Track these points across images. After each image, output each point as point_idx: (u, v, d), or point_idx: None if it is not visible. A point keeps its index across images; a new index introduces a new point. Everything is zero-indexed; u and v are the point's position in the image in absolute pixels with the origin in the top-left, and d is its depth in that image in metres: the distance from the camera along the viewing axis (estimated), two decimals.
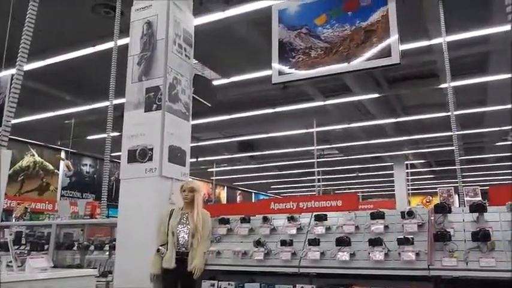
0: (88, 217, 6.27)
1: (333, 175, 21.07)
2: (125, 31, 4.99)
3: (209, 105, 5.13)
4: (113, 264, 4.72)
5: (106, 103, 5.38)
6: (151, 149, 4.28)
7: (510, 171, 18.00)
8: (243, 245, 3.93)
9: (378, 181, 23.41)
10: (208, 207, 4.44)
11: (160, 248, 3.96)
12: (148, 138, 4.33)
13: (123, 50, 4.91)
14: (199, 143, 14.28)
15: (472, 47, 7.52)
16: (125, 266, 4.17)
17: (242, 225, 4.11)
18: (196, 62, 8.66)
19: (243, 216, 4.17)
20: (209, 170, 19.42)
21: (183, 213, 4.06)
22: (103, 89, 5.73)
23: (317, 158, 12.59)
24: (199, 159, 16.04)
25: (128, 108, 4.56)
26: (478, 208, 3.40)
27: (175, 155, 4.40)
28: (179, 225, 3.99)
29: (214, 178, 20.38)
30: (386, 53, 3.92)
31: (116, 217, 4.46)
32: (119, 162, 4.58)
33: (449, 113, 5.85)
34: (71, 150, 14.38)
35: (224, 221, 4.21)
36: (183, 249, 3.92)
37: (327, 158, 16.87)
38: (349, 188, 25.25)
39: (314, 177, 13.18)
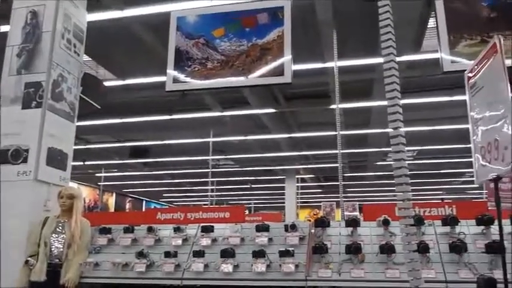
0: None
1: (227, 186, 21.28)
2: (6, 17, 4.51)
3: (98, 107, 4.84)
4: None
5: None
6: (27, 150, 3.90)
7: (387, 188, 19.96)
8: (125, 256, 3.76)
9: (270, 193, 24.20)
10: (89, 216, 4.17)
11: (29, 259, 3.60)
12: (24, 138, 3.94)
13: (3, 38, 4.42)
14: (88, 146, 13.41)
15: (360, 74, 8.20)
16: None
17: (125, 235, 3.93)
18: (90, 59, 8.18)
19: (126, 225, 3.98)
20: (97, 174, 18.32)
21: (59, 221, 3.75)
22: None
23: (212, 168, 12.61)
24: (86, 162, 15.02)
25: (2, 103, 4.11)
26: (352, 223, 3.67)
27: (55, 158, 4.06)
28: (53, 235, 3.67)
29: (102, 184, 19.26)
30: (279, 71, 4.08)
31: None
32: None
33: (336, 132, 6.28)
34: None
35: (105, 231, 3.98)
36: (56, 260, 3.61)
37: (221, 168, 16.99)
38: (243, 200, 25.72)
39: (208, 187, 13.15)
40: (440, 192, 24.08)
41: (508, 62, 3.82)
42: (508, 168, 2.25)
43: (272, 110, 10.43)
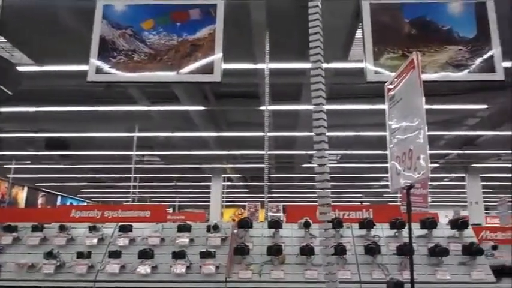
0: None
1: (152, 183, 20.69)
2: None
3: (10, 93, 4.44)
4: None
5: None
6: None
7: (312, 190, 20.59)
8: (31, 257, 3.49)
9: (196, 192, 23.93)
10: None
11: None
12: None
13: None
14: None
15: (291, 77, 8.35)
16: None
17: (33, 234, 3.65)
18: (5, 41, 7.50)
19: (35, 223, 3.68)
20: (6, 166, 16.89)
21: None
22: None
23: (136, 164, 12.17)
24: None
25: None
26: (274, 224, 3.71)
27: None
28: None
29: (11, 176, 17.78)
30: (209, 69, 3.99)
31: None
32: None
33: (264, 134, 6.32)
34: None
35: (10, 229, 3.66)
36: None
37: (146, 164, 16.48)
38: (167, 197, 25.16)
39: (130, 184, 12.66)
40: (361, 195, 25.36)
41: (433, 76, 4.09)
42: (419, 177, 2.38)
43: (201, 108, 10.30)
